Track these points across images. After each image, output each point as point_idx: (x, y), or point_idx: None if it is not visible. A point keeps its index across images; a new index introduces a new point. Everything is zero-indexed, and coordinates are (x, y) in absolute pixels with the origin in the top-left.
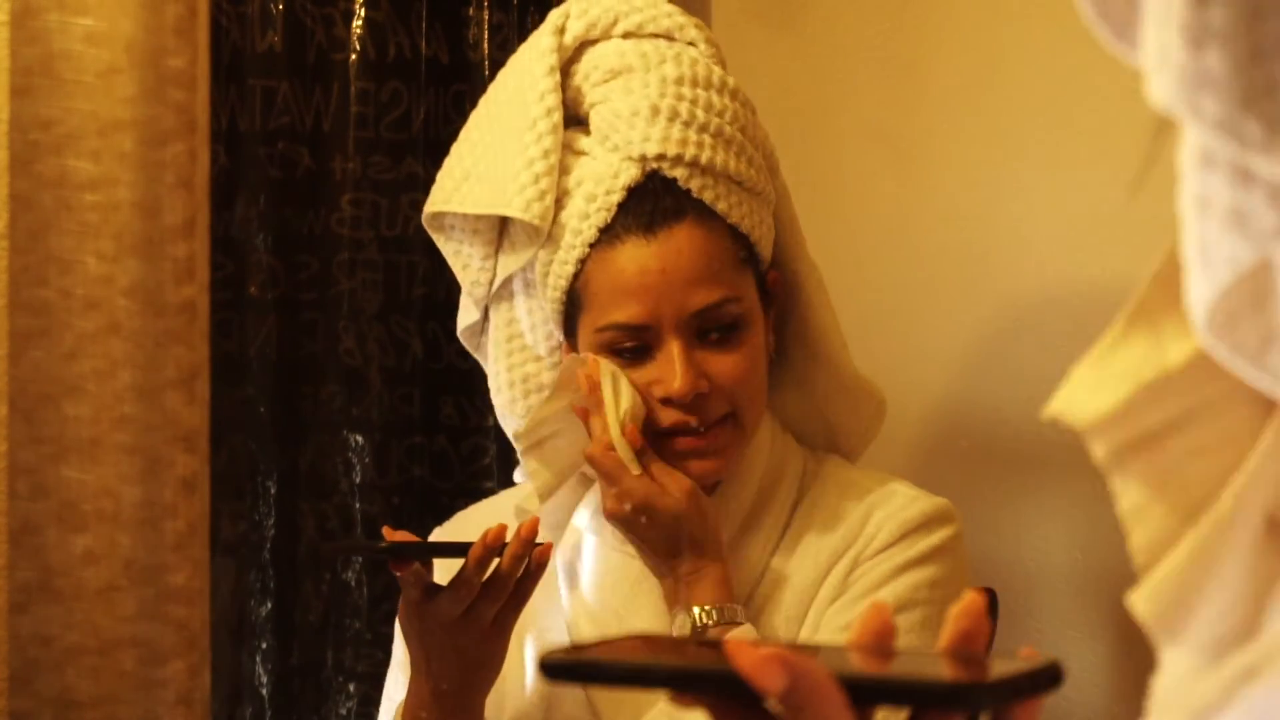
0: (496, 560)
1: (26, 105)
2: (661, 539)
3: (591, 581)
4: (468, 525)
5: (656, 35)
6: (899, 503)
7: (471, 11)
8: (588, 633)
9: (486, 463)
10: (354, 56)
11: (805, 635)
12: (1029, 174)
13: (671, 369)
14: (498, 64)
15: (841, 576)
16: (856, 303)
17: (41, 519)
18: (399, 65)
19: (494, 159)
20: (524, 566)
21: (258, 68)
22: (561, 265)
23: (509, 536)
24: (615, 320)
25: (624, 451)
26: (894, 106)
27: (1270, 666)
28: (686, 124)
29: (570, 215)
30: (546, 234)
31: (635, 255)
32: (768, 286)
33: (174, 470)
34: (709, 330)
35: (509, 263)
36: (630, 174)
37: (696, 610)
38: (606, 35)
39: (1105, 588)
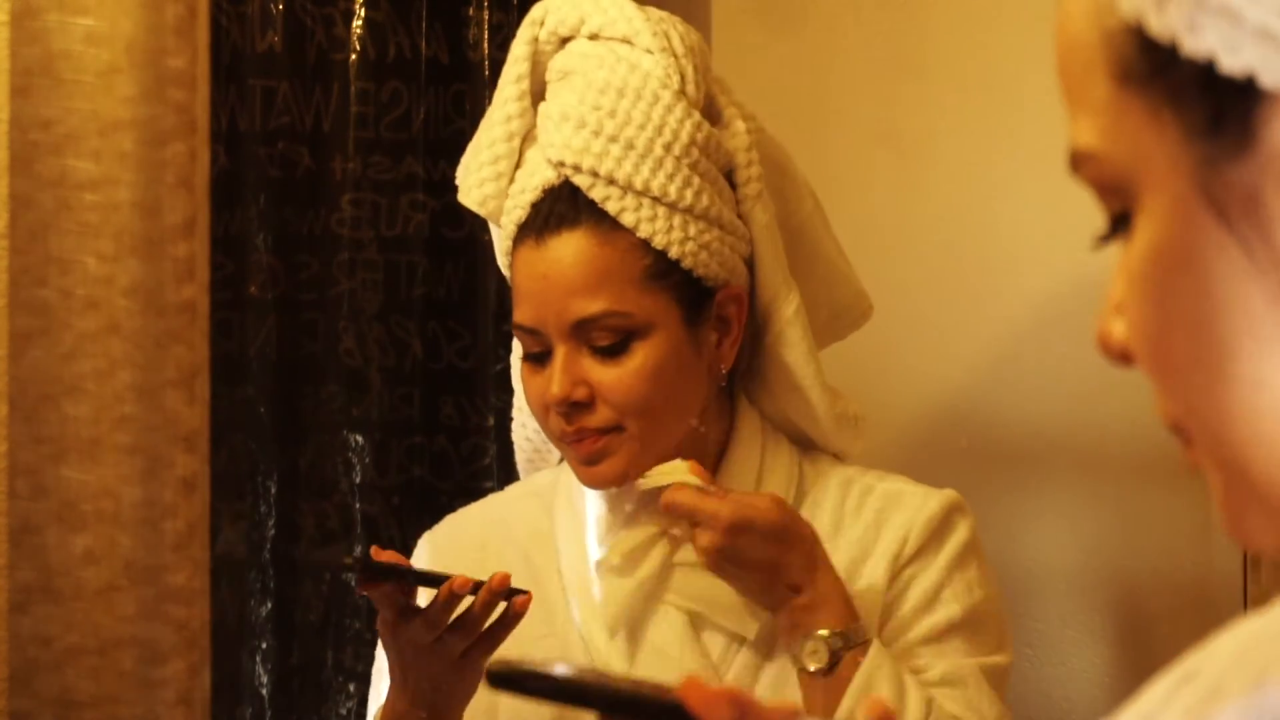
0: (471, 598)
1: (26, 105)
2: (767, 556)
3: (622, 667)
4: (460, 527)
5: (614, 39)
6: (915, 502)
7: (471, 11)
8: (603, 649)
9: (486, 463)
10: (354, 56)
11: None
12: (1029, 174)
13: (552, 375)
14: (498, 64)
15: (881, 586)
16: None
17: (41, 519)
18: (399, 65)
19: (472, 150)
20: (501, 612)
21: (258, 68)
22: (502, 256)
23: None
24: (515, 320)
25: (696, 482)
26: (894, 106)
27: (1208, 668)
28: (595, 133)
29: (505, 210)
30: (498, 222)
31: (527, 258)
32: (713, 304)
33: (174, 470)
34: (595, 341)
35: None
36: (545, 175)
37: (825, 634)
38: (575, 34)
39: (1105, 588)
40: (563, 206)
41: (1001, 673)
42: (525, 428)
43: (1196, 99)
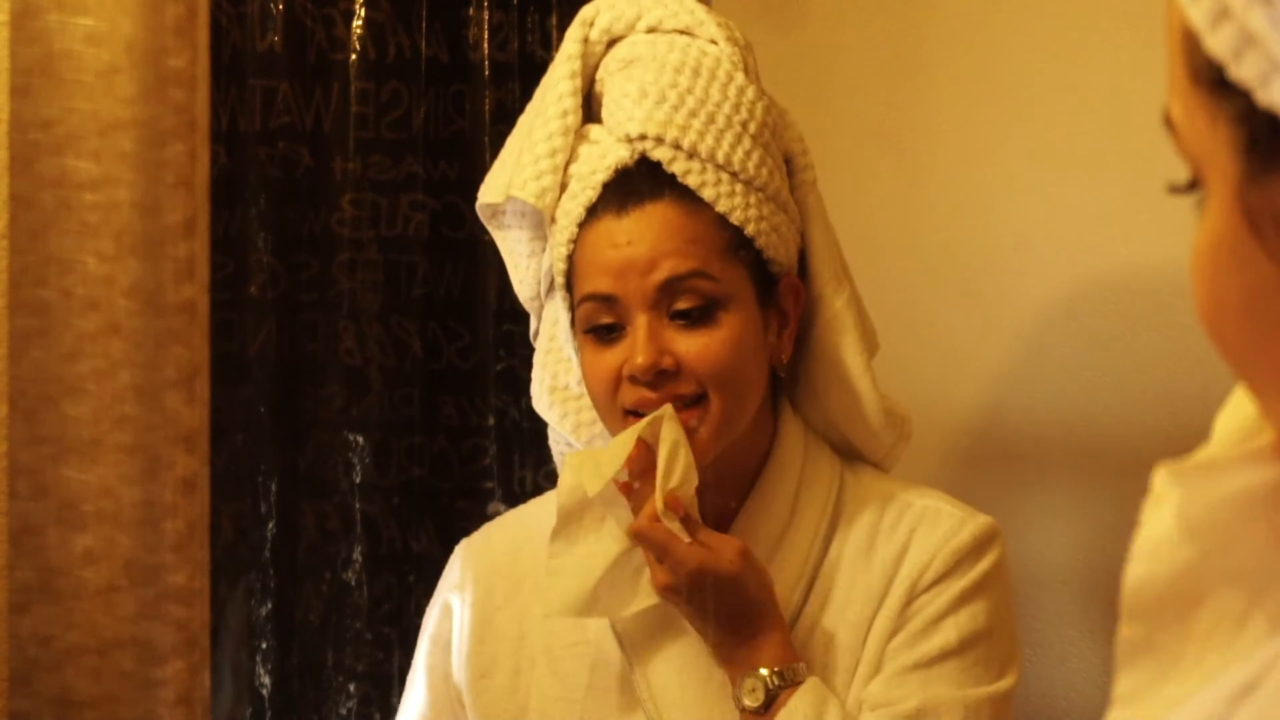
0: None
1: (26, 105)
2: (721, 605)
3: (666, 667)
4: (494, 534)
5: (676, 31)
6: (948, 526)
7: (471, 11)
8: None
9: (486, 463)
10: (354, 56)
11: (864, 669)
12: (1029, 174)
13: (635, 345)
14: (498, 64)
15: (897, 609)
16: None
17: (41, 519)
18: (399, 65)
19: (515, 152)
20: None
21: (258, 68)
22: (558, 247)
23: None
24: (586, 291)
25: (670, 521)
26: (894, 106)
27: (1269, 680)
28: (675, 107)
29: (566, 198)
30: (551, 218)
31: (607, 230)
32: (777, 291)
33: (174, 470)
34: (680, 307)
35: (546, 257)
36: (618, 155)
37: (764, 672)
38: (631, 29)
39: (1105, 588)
40: (641, 183)
41: (997, 700)
42: (559, 443)
43: (1242, 119)
